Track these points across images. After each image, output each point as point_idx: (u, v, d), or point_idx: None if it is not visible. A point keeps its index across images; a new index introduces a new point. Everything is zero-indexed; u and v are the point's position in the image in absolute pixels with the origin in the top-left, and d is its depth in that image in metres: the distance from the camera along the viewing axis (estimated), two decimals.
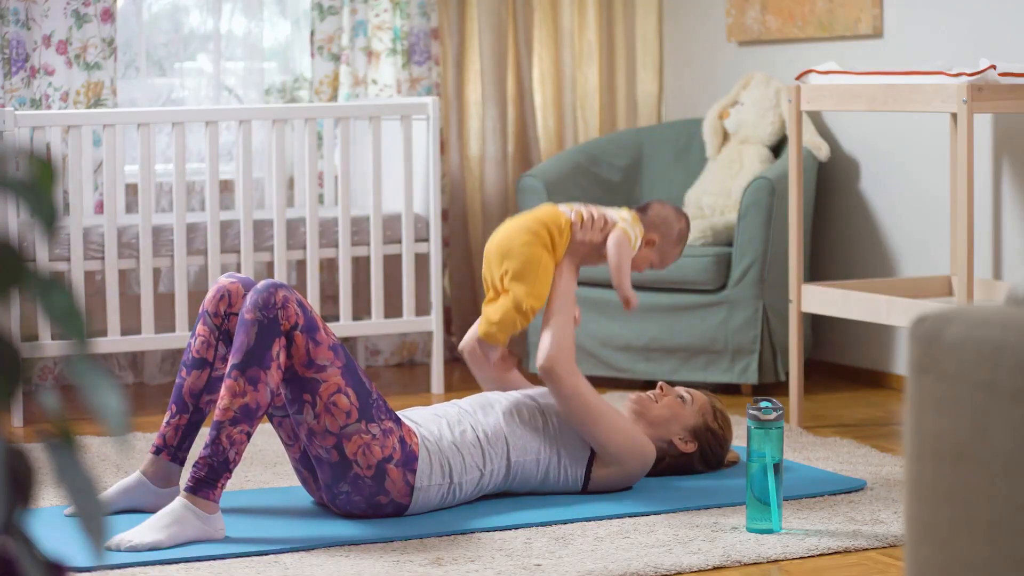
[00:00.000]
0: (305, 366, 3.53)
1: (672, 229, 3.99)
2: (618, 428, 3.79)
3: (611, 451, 3.80)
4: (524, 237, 3.83)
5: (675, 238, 3.99)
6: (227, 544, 3.43)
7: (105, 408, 1.31)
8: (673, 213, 4.01)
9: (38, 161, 1.31)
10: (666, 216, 3.99)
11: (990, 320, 1.79)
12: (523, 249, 3.82)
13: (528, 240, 3.83)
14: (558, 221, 3.87)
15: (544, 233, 3.85)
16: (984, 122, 4.97)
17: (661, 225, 3.98)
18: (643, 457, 3.84)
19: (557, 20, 6.17)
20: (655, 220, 3.98)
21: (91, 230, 5.09)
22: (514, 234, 3.85)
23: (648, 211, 4.00)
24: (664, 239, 3.98)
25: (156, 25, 5.86)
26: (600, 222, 3.90)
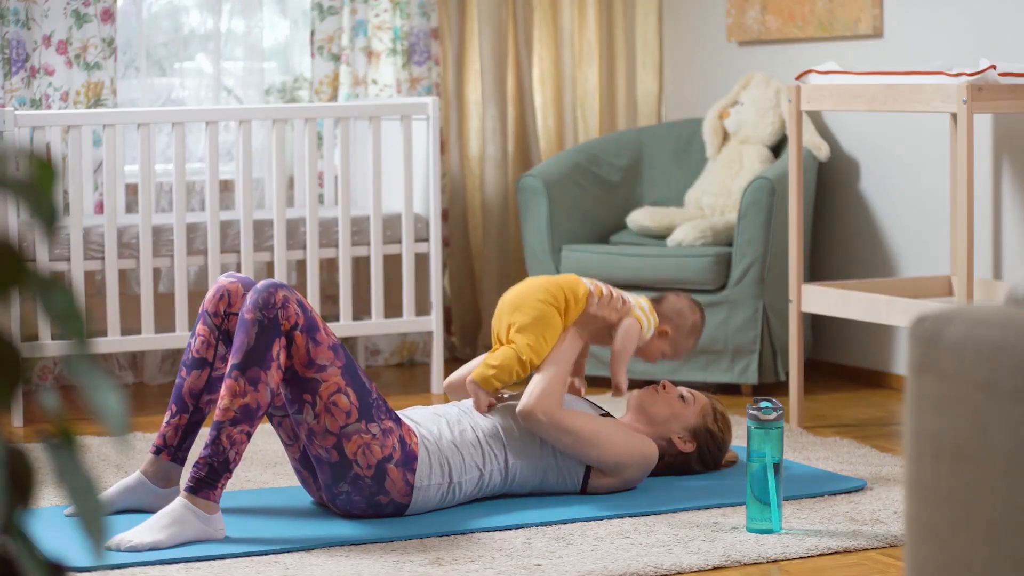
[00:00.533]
0: (305, 366, 3.53)
1: (686, 321, 4.03)
2: (614, 444, 3.79)
3: (611, 465, 3.81)
4: (540, 295, 3.86)
5: (688, 330, 4.04)
6: (227, 544, 3.43)
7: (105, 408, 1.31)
8: (688, 305, 4.05)
9: (38, 161, 1.31)
10: (680, 308, 4.04)
11: (990, 320, 1.79)
12: (535, 304, 3.84)
13: (543, 298, 3.85)
14: (576, 290, 3.90)
15: (560, 296, 3.87)
16: (984, 122, 4.96)
17: (675, 317, 4.02)
18: (644, 462, 3.85)
19: (557, 20, 6.17)
20: (669, 312, 4.03)
21: (91, 230, 5.09)
22: (530, 291, 3.88)
23: (663, 303, 4.05)
24: (677, 331, 4.03)
25: (156, 25, 5.86)
26: (617, 302, 3.93)
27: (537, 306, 3.84)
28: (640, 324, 3.95)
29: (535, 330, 3.82)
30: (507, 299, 3.91)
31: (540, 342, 3.82)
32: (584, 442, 3.76)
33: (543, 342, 3.82)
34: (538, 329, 3.82)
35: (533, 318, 3.83)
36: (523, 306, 3.85)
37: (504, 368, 3.79)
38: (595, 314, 3.90)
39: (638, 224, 5.54)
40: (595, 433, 3.77)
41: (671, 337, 4.02)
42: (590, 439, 3.77)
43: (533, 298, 3.86)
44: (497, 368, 3.79)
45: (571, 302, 3.88)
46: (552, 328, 3.84)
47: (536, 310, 3.84)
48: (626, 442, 3.81)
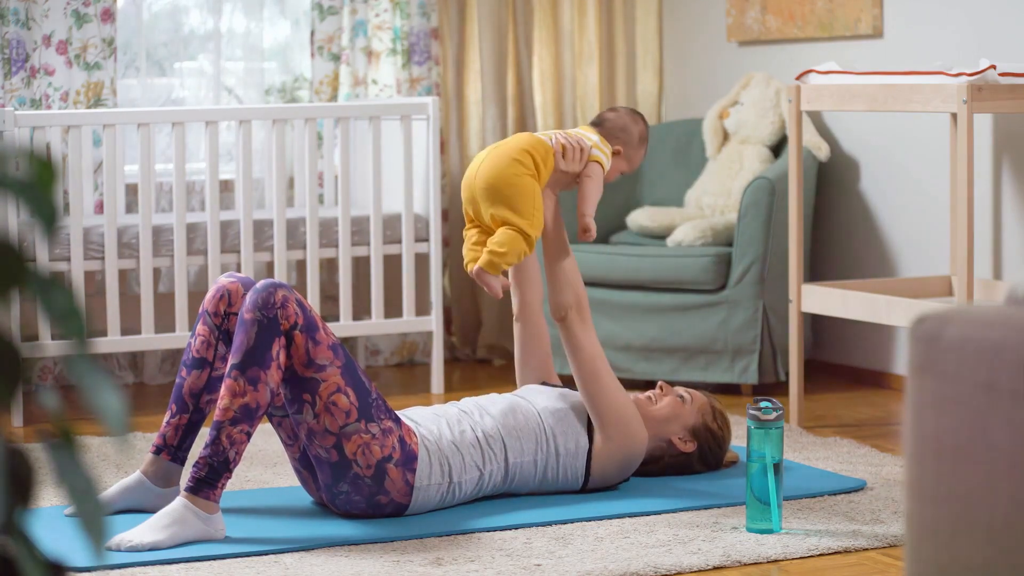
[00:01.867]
0: (305, 366, 3.53)
1: (632, 135, 3.99)
2: (618, 399, 3.80)
3: (606, 418, 3.79)
4: (513, 168, 3.76)
5: (637, 142, 3.99)
6: (227, 544, 3.43)
7: (105, 408, 1.31)
8: (629, 117, 4.00)
9: (38, 161, 1.31)
10: (624, 124, 3.99)
11: (990, 320, 1.79)
12: (514, 181, 3.75)
13: (517, 171, 3.76)
14: (542, 149, 3.82)
15: (530, 161, 3.78)
16: (984, 122, 4.96)
17: (622, 134, 3.98)
18: (633, 436, 3.82)
19: (557, 20, 6.17)
20: (614, 130, 3.98)
21: (91, 230, 5.09)
22: (501, 165, 3.76)
23: (604, 123, 3.99)
24: (627, 146, 3.98)
25: (156, 25, 5.86)
26: (578, 152, 3.86)
27: (515, 182, 3.75)
28: (601, 163, 3.90)
29: (525, 206, 3.73)
30: (478, 180, 3.78)
31: (534, 216, 3.74)
32: (593, 373, 3.77)
33: (537, 214, 3.75)
34: (527, 204, 3.74)
35: (518, 196, 3.74)
36: (501, 185, 3.75)
37: (512, 251, 3.72)
38: (564, 170, 3.86)
39: (638, 224, 5.54)
40: (605, 373, 3.79)
41: (624, 154, 3.97)
42: (599, 374, 3.78)
43: (508, 172, 3.75)
44: (506, 253, 3.72)
45: (540, 164, 3.80)
46: (536, 195, 3.76)
47: (515, 187, 3.74)
48: (626, 404, 3.81)
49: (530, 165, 3.77)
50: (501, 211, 3.74)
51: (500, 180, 3.75)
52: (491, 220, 3.77)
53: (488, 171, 3.77)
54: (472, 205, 3.81)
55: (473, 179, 3.80)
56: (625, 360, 5.31)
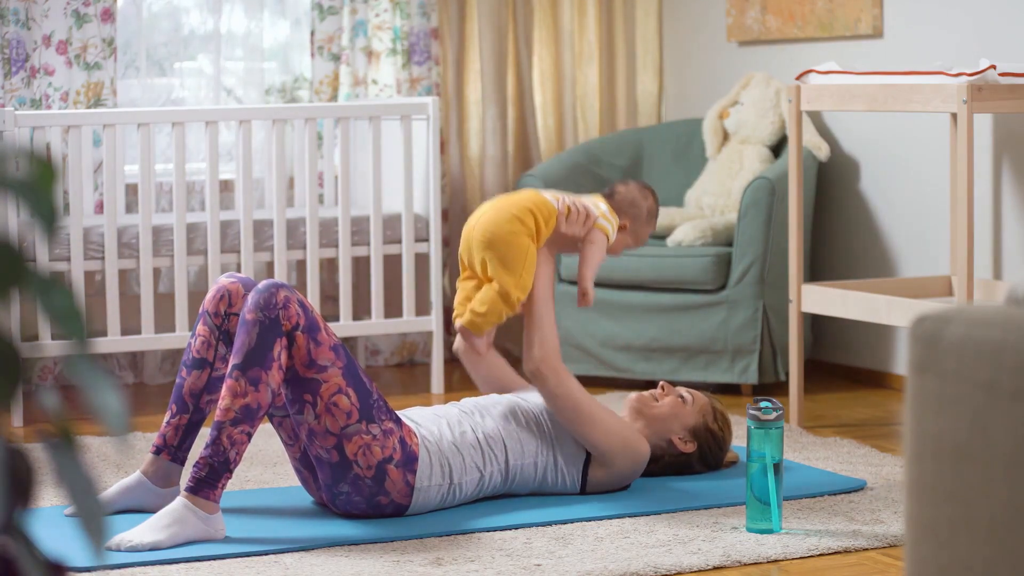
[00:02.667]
0: (306, 366, 3.53)
1: (641, 210, 3.98)
2: (609, 428, 3.79)
3: (602, 450, 3.80)
4: (511, 225, 3.76)
5: (645, 217, 3.99)
6: (227, 544, 3.43)
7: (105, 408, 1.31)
8: (639, 192, 3.99)
9: (38, 161, 1.31)
10: (633, 198, 3.98)
11: (990, 320, 1.79)
12: (510, 239, 3.75)
13: (515, 229, 3.76)
14: (545, 210, 3.82)
15: (531, 222, 3.78)
16: (984, 122, 4.97)
17: (630, 208, 3.97)
18: (636, 457, 3.84)
19: (557, 20, 6.17)
20: (623, 204, 3.97)
21: (91, 230, 5.09)
22: (501, 220, 3.77)
23: (615, 195, 3.99)
24: (635, 221, 3.97)
25: (156, 25, 5.86)
26: (583, 216, 3.86)
27: (511, 240, 3.75)
28: (606, 233, 3.89)
29: (516, 265, 3.74)
30: (476, 230, 3.79)
31: (524, 277, 3.75)
32: (582, 417, 3.75)
33: (527, 276, 3.75)
34: (517, 263, 3.74)
35: (511, 254, 3.74)
36: (496, 240, 3.75)
37: (492, 312, 3.74)
38: (566, 232, 3.86)
39: None
40: (593, 412, 3.76)
41: (630, 228, 3.96)
42: (588, 416, 3.76)
43: (506, 229, 3.75)
44: (485, 314, 3.74)
45: (542, 224, 3.80)
46: (530, 257, 3.76)
47: (510, 244, 3.75)
48: (620, 431, 3.80)
49: (530, 225, 3.77)
50: (492, 264, 3.75)
51: (497, 234, 3.75)
52: (481, 268, 3.78)
53: (487, 224, 3.78)
54: (468, 254, 3.82)
55: (472, 229, 3.82)
56: (625, 360, 5.31)
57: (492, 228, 3.76)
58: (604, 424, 3.78)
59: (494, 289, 3.74)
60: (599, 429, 3.77)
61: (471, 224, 3.82)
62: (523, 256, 3.75)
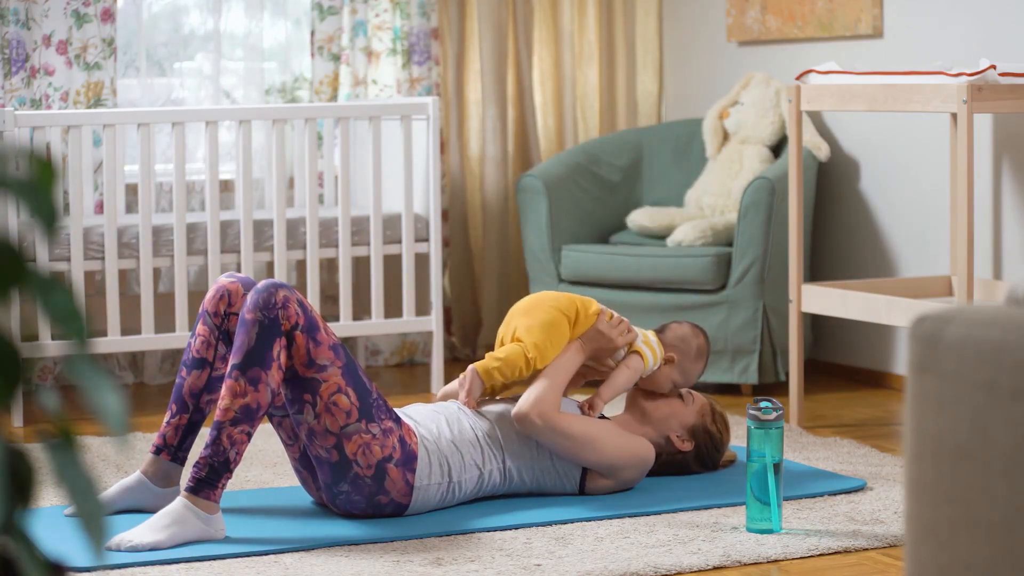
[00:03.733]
0: (306, 366, 3.53)
1: (691, 346, 4.05)
2: (609, 447, 3.79)
3: (606, 467, 3.81)
4: (554, 302, 3.89)
5: (694, 354, 4.05)
6: (227, 544, 3.43)
7: (105, 408, 1.31)
8: (690, 331, 4.07)
9: (38, 161, 1.31)
10: (683, 334, 4.06)
11: (990, 320, 1.79)
12: (549, 310, 3.86)
13: (556, 306, 3.88)
14: (588, 305, 3.93)
15: (572, 309, 3.89)
16: (984, 122, 4.96)
17: (679, 344, 4.04)
18: (641, 464, 3.85)
19: (557, 20, 6.17)
20: (672, 339, 4.05)
21: (91, 230, 5.09)
22: (546, 299, 3.91)
23: (666, 331, 4.07)
24: (684, 356, 4.03)
25: (156, 25, 5.86)
26: (625, 328, 3.94)
27: (549, 311, 3.86)
28: (644, 358, 3.96)
29: (543, 332, 3.83)
30: (519, 305, 3.94)
31: (547, 344, 3.82)
32: (580, 445, 3.76)
33: (550, 345, 3.83)
34: (546, 332, 3.83)
35: (543, 321, 3.84)
36: (534, 310, 3.87)
37: (508, 363, 3.79)
38: (602, 331, 3.91)
39: (638, 224, 5.54)
40: (590, 436, 3.77)
41: (678, 363, 4.03)
42: (586, 442, 3.76)
43: (548, 303, 3.88)
44: (502, 361, 3.79)
45: (582, 315, 3.90)
46: (560, 334, 3.85)
47: (547, 314, 3.86)
48: (622, 444, 3.81)
49: (571, 312, 3.89)
50: (524, 324, 3.84)
51: (539, 304, 3.89)
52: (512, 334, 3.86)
53: (532, 298, 3.93)
54: (507, 327, 3.90)
55: (517, 305, 3.94)
56: None
57: (535, 301, 3.91)
58: (603, 444, 3.78)
59: (518, 345, 3.82)
60: (600, 451, 3.78)
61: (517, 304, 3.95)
62: (553, 327, 3.85)
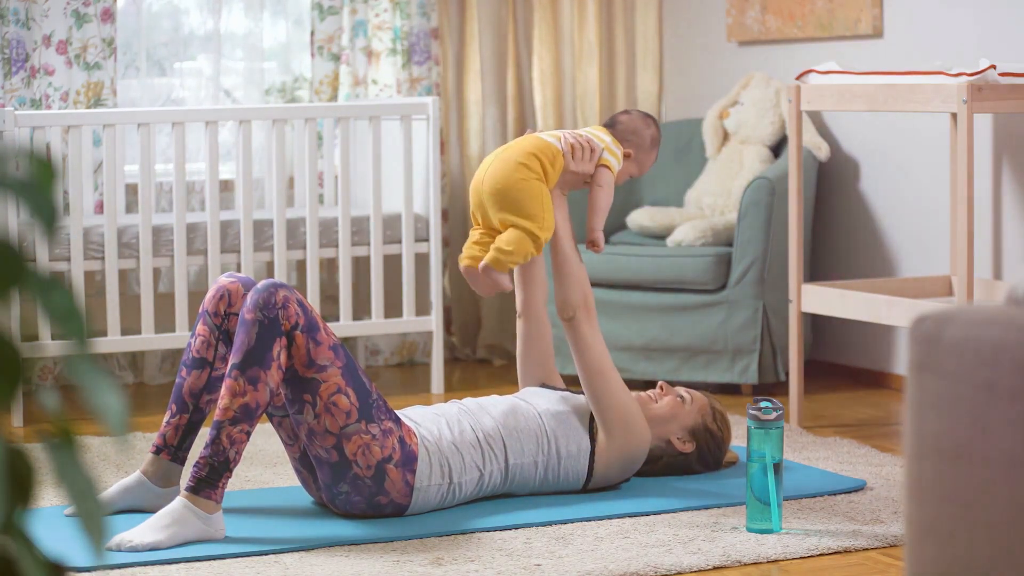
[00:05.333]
0: (306, 366, 3.53)
1: (644, 138, 3.98)
2: (623, 398, 3.80)
3: (610, 416, 3.79)
4: (520, 173, 3.75)
5: (648, 145, 3.99)
6: (227, 544, 3.43)
7: (105, 408, 1.31)
8: (641, 120, 3.99)
9: (38, 161, 1.31)
10: (636, 127, 3.98)
11: (990, 320, 1.79)
12: (521, 186, 3.74)
13: (524, 176, 3.75)
14: (549, 152, 3.81)
15: (537, 165, 3.78)
16: (984, 122, 4.96)
17: (633, 136, 3.97)
18: (640, 435, 3.82)
19: (557, 20, 6.17)
20: (625, 133, 3.97)
21: (91, 230, 5.09)
22: (509, 171, 3.76)
23: (616, 125, 3.98)
24: (639, 149, 3.97)
25: (156, 25, 5.86)
26: (588, 152, 3.86)
27: (522, 186, 3.74)
28: (611, 168, 3.89)
29: (534, 210, 3.73)
30: (485, 184, 3.77)
31: (546, 218, 3.74)
32: (599, 371, 3.77)
33: (547, 216, 3.75)
34: (535, 208, 3.73)
35: (526, 200, 3.73)
36: (507, 190, 3.74)
37: (518, 251, 3.71)
38: (575, 170, 3.86)
39: (638, 224, 5.54)
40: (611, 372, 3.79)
41: (634, 157, 3.97)
42: (605, 372, 3.78)
43: (515, 178, 3.74)
44: (512, 252, 3.71)
45: (548, 167, 3.80)
46: (546, 199, 3.76)
47: (523, 191, 3.74)
48: (629, 404, 3.81)
49: (537, 169, 3.77)
50: (509, 216, 3.74)
51: (507, 185, 3.75)
52: (500, 224, 3.77)
53: (495, 176, 3.77)
54: (480, 210, 3.81)
55: (480, 184, 3.80)
56: (625, 360, 5.31)
57: (501, 180, 3.76)
58: (618, 389, 3.80)
59: (518, 232, 3.72)
60: (613, 394, 3.78)
61: (478, 180, 3.81)
62: (539, 199, 3.75)
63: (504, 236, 3.74)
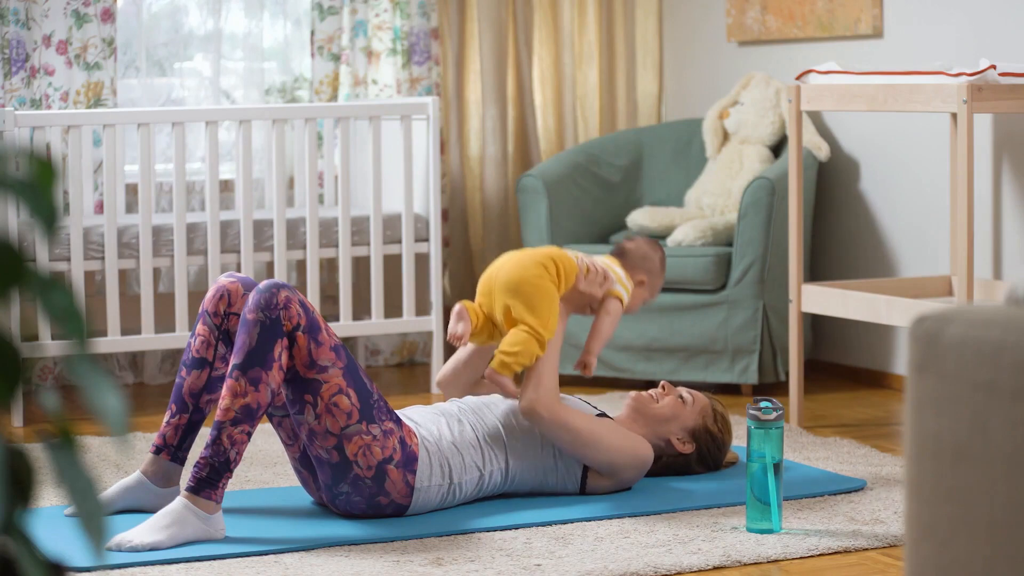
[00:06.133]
0: (307, 367, 3.53)
1: (654, 263, 4.04)
2: (611, 445, 3.78)
3: (606, 467, 3.81)
4: (536, 270, 3.80)
5: (659, 268, 4.05)
6: (227, 544, 3.43)
7: (105, 408, 1.31)
8: (648, 246, 4.06)
9: (38, 161, 1.31)
10: (644, 253, 4.04)
11: (990, 320, 1.79)
12: (536, 282, 3.79)
13: (540, 274, 3.80)
14: (565, 263, 3.86)
15: (553, 269, 3.83)
16: (984, 122, 4.97)
17: (643, 262, 4.03)
18: (640, 463, 3.84)
19: (557, 20, 6.17)
20: (635, 260, 4.03)
21: (91, 230, 5.09)
22: (525, 266, 3.81)
23: (626, 256, 4.04)
24: (650, 274, 4.03)
25: (156, 25, 5.86)
26: (600, 277, 3.91)
27: (537, 283, 3.78)
28: (621, 300, 3.94)
29: (542, 308, 3.76)
30: (499, 278, 3.81)
31: (551, 319, 3.77)
32: (583, 442, 3.76)
33: (552, 318, 3.77)
34: (544, 306, 3.77)
35: (538, 297, 3.77)
36: (522, 284, 3.78)
37: (525, 353, 3.73)
38: (583, 290, 3.89)
39: (638, 224, 5.54)
40: (593, 433, 3.77)
41: (648, 283, 4.02)
42: (588, 439, 3.76)
43: (531, 274, 3.79)
44: (518, 354, 3.72)
45: (563, 276, 3.84)
46: (554, 300, 3.79)
47: (537, 288, 3.78)
48: (622, 444, 3.81)
49: (553, 273, 3.82)
50: (519, 309, 3.76)
51: (523, 278, 3.79)
52: (503, 314, 3.79)
53: (512, 270, 3.81)
54: (487, 298, 3.83)
55: (494, 275, 3.84)
56: (625, 360, 5.31)
57: (518, 272, 3.80)
58: (606, 443, 3.78)
59: (524, 331, 3.75)
60: (601, 449, 3.78)
61: (492, 271, 3.85)
62: (549, 300, 3.79)
63: (509, 338, 3.75)
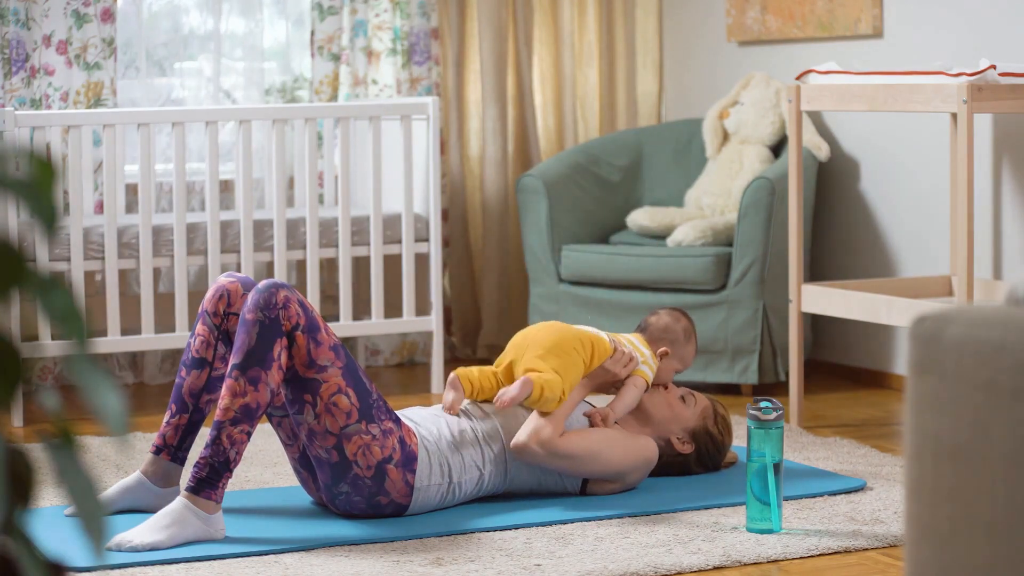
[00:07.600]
0: (306, 366, 3.53)
1: (677, 334, 4.06)
2: (610, 458, 3.78)
3: (612, 475, 3.81)
4: (576, 344, 3.83)
5: (683, 338, 4.06)
6: (227, 544, 3.43)
7: (105, 408, 1.31)
8: (670, 319, 4.08)
9: (38, 161, 1.31)
10: (665, 325, 4.06)
11: (990, 320, 1.79)
12: (572, 352, 3.81)
13: (578, 348, 3.83)
14: (600, 347, 3.89)
15: (589, 351, 3.86)
16: (984, 122, 4.97)
17: (665, 334, 4.05)
18: (646, 465, 3.85)
19: (557, 20, 6.17)
20: (658, 334, 4.05)
21: (91, 230, 5.09)
22: (568, 336, 3.84)
23: (648, 328, 4.07)
24: (674, 345, 4.05)
25: (156, 25, 5.86)
26: (626, 359, 3.93)
27: (572, 355, 3.82)
28: (645, 378, 3.96)
29: (570, 373, 3.80)
30: (540, 337, 3.85)
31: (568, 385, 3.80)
32: (584, 462, 3.76)
33: (568, 388, 3.81)
34: (571, 373, 3.80)
35: (567, 367, 3.80)
36: (560, 350, 3.81)
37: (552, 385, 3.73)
38: (607, 369, 3.91)
39: (638, 224, 5.54)
40: (592, 450, 3.76)
41: (673, 353, 4.05)
42: (589, 458, 3.76)
43: (571, 346, 3.83)
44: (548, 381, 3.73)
45: (594, 358, 3.88)
46: (577, 377, 3.84)
47: (571, 359, 3.81)
48: (625, 450, 3.80)
49: (588, 353, 3.86)
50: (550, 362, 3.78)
51: (562, 347, 3.83)
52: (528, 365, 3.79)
53: (556, 332, 3.86)
54: (517, 351, 3.84)
55: (534, 331, 3.87)
56: None
57: (559, 339, 3.84)
58: (607, 455, 3.78)
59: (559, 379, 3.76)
60: (604, 462, 3.78)
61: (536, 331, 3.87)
62: (575, 373, 3.82)
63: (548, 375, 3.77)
